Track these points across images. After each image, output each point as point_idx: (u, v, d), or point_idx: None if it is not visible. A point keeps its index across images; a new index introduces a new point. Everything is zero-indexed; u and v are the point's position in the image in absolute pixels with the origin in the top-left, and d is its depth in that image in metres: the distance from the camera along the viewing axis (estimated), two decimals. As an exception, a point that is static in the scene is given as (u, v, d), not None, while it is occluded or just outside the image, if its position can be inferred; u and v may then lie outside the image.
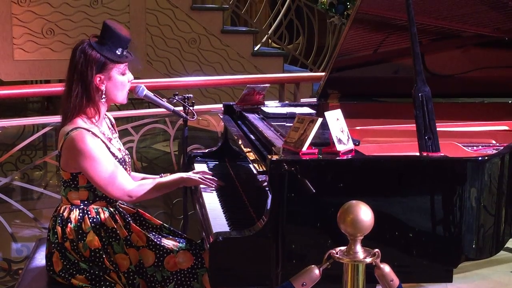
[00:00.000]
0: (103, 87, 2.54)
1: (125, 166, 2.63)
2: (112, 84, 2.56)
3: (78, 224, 2.52)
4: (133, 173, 2.84)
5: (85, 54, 2.51)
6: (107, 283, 2.46)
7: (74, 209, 2.55)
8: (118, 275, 2.49)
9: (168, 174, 2.80)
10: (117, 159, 2.58)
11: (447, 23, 3.26)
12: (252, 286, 2.28)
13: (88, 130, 2.49)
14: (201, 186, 2.79)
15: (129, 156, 2.74)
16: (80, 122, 2.52)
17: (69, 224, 2.52)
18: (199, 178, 2.71)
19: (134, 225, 2.61)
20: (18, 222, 4.83)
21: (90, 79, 2.51)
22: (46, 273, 2.58)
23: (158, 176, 2.82)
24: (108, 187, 2.51)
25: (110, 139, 2.64)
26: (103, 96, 2.55)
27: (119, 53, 2.54)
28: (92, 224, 2.52)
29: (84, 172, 2.50)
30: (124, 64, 2.58)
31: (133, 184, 2.58)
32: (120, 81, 2.57)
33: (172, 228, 2.74)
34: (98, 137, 2.53)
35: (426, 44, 3.32)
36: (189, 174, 2.72)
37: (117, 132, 2.79)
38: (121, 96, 2.61)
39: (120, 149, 2.68)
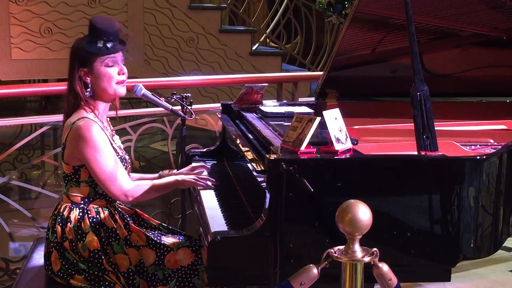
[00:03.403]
0: (88, 81, 2.54)
1: (126, 165, 2.63)
2: (95, 76, 2.53)
3: (78, 224, 2.51)
4: (131, 174, 2.83)
5: (71, 49, 2.57)
6: (106, 283, 2.46)
7: (74, 208, 2.54)
8: (117, 276, 2.48)
9: (168, 170, 2.80)
10: (118, 156, 2.58)
11: (445, 22, 3.26)
12: (250, 285, 2.28)
13: (94, 121, 2.50)
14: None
15: (128, 156, 2.74)
16: (85, 113, 2.52)
17: (69, 223, 2.51)
18: (193, 179, 2.66)
19: (133, 225, 2.60)
20: (16, 222, 4.82)
21: (76, 73, 2.53)
22: (44, 273, 2.58)
23: (157, 175, 2.82)
24: (107, 181, 2.49)
25: (112, 135, 2.65)
26: (88, 90, 2.54)
27: (100, 46, 2.51)
28: (92, 224, 2.51)
29: (86, 162, 2.48)
30: (108, 56, 2.53)
31: (131, 184, 2.56)
32: (103, 73, 2.53)
33: (170, 227, 2.74)
34: (103, 130, 2.53)
35: (424, 43, 3.31)
36: (184, 177, 2.68)
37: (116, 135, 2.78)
38: (110, 89, 2.55)
39: (120, 147, 2.68)
